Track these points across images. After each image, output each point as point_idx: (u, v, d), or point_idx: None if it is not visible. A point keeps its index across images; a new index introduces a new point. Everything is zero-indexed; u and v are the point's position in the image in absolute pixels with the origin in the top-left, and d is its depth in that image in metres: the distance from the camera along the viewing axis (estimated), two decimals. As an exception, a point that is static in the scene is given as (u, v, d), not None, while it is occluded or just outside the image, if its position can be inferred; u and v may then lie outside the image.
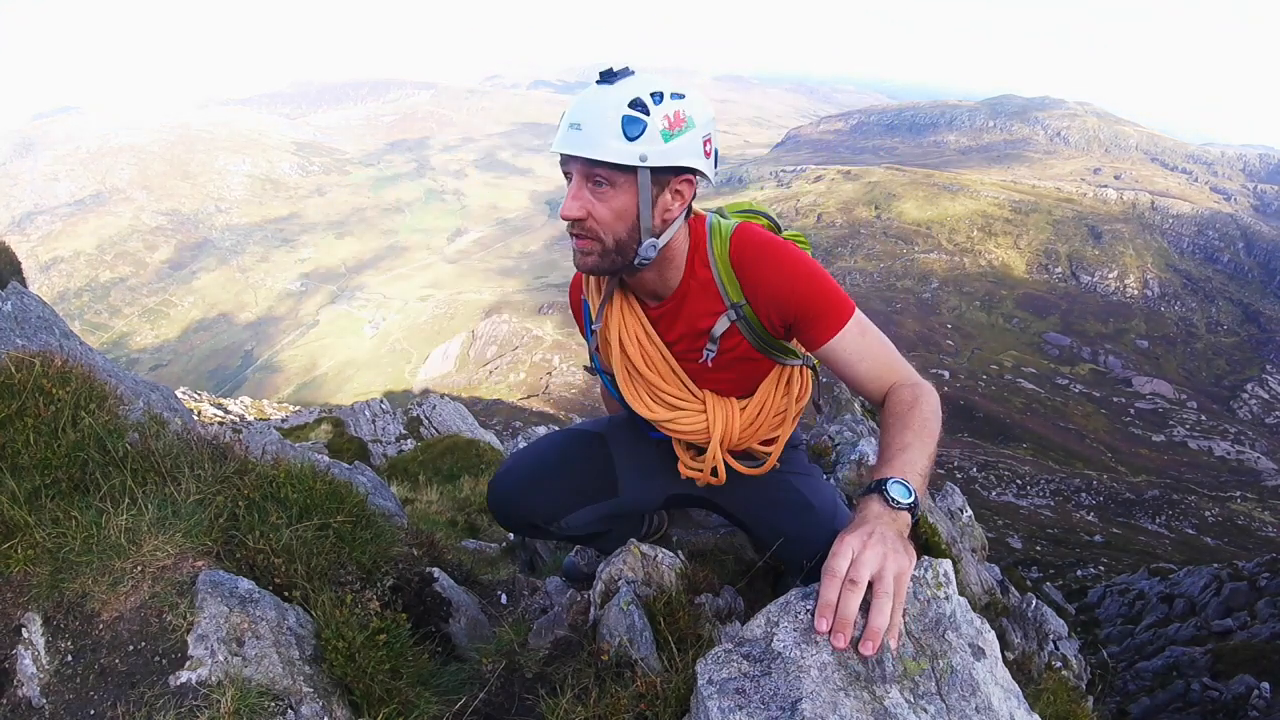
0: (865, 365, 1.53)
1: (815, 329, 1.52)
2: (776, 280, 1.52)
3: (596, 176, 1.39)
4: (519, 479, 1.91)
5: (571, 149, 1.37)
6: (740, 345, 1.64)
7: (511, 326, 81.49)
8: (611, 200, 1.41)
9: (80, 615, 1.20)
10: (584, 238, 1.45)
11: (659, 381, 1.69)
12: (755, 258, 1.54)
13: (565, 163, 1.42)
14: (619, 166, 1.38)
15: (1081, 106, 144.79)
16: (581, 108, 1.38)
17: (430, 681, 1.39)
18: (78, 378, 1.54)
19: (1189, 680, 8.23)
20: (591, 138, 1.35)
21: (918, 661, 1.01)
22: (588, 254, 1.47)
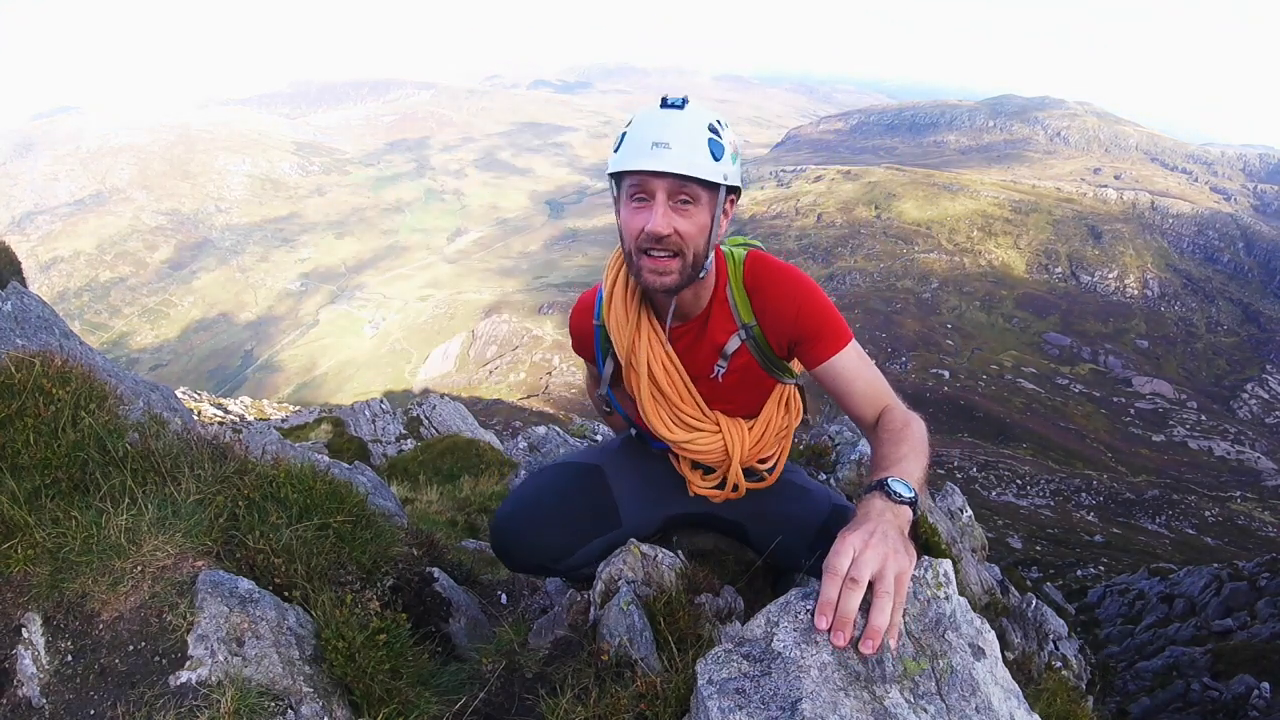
0: (860, 385, 1.62)
1: (818, 346, 1.63)
2: (787, 301, 1.64)
3: (684, 194, 1.46)
4: (520, 524, 1.89)
5: (667, 166, 1.42)
6: (748, 364, 1.75)
7: (511, 326, 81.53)
8: (695, 216, 1.49)
9: (80, 615, 1.20)
10: (665, 255, 1.50)
11: (679, 403, 1.76)
12: (769, 280, 1.67)
13: (642, 179, 1.46)
14: (706, 184, 1.47)
15: (1081, 106, 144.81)
16: (664, 128, 1.45)
17: (430, 681, 1.39)
18: (78, 378, 1.54)
19: (1189, 680, 8.23)
20: (684, 156, 1.43)
21: (918, 661, 1.01)
22: (667, 272, 1.52)
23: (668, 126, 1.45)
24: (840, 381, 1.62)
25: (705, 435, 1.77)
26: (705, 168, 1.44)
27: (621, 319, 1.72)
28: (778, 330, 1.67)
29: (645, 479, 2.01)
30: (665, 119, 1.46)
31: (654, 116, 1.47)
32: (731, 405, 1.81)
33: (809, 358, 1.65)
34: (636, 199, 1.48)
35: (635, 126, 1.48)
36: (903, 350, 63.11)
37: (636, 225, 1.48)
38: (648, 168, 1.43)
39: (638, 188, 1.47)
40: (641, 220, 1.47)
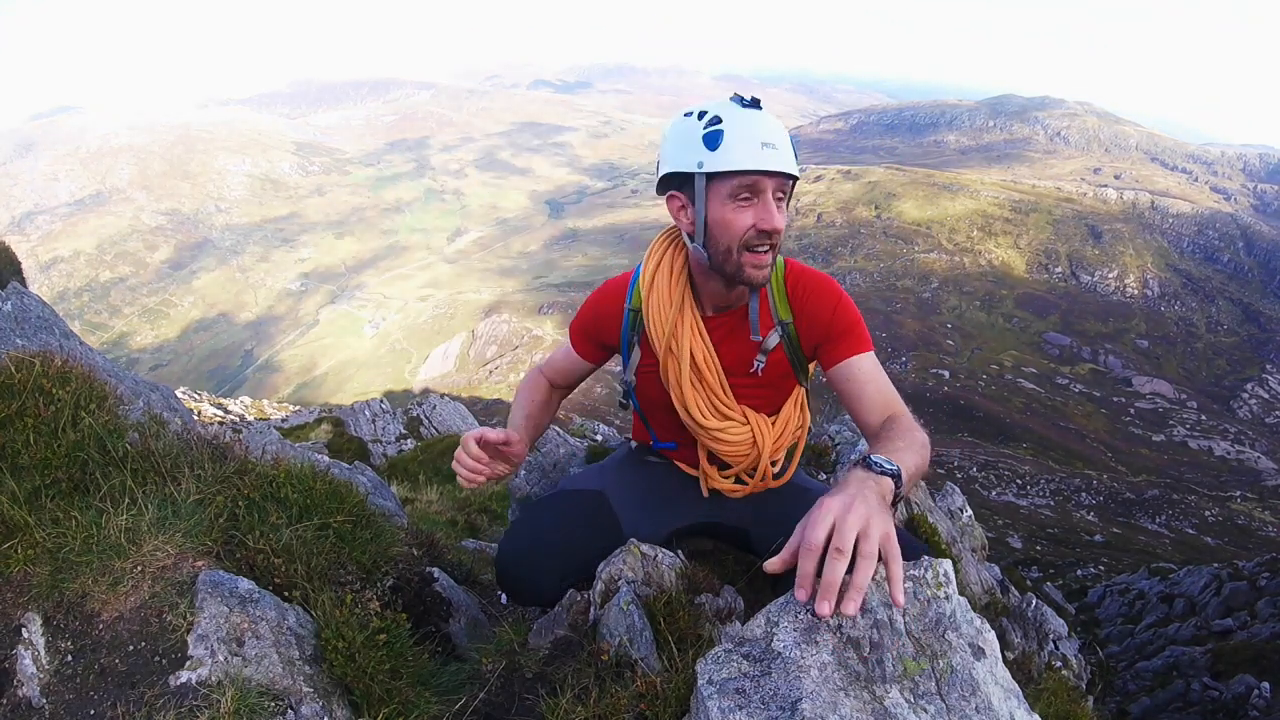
0: (873, 389, 1.66)
1: (842, 345, 1.69)
2: (826, 299, 1.73)
3: (782, 191, 1.56)
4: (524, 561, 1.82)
5: (781, 166, 1.51)
6: (781, 361, 1.80)
7: (511, 326, 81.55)
8: (784, 212, 1.59)
9: (80, 615, 1.20)
10: (766, 250, 1.57)
11: (716, 390, 1.78)
12: (809, 282, 1.76)
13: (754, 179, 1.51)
14: (794, 182, 1.58)
15: (1081, 106, 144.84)
16: (766, 129, 1.51)
17: (430, 681, 1.39)
18: (78, 378, 1.54)
19: (1189, 680, 8.23)
20: (788, 156, 1.53)
21: (918, 661, 1.01)
22: (765, 265, 1.59)
23: (768, 127, 1.51)
24: (854, 383, 1.65)
25: (735, 425, 1.80)
26: (795, 166, 1.55)
27: (665, 301, 1.73)
28: (812, 328, 1.73)
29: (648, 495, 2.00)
30: (762, 120, 1.52)
31: (751, 117, 1.52)
32: (758, 401, 1.84)
33: (832, 355, 1.70)
34: (742, 197, 1.52)
35: (735, 126, 1.50)
36: (903, 350, 63.11)
37: (745, 222, 1.53)
38: (765, 167, 1.49)
39: (747, 187, 1.51)
40: (749, 217, 1.52)
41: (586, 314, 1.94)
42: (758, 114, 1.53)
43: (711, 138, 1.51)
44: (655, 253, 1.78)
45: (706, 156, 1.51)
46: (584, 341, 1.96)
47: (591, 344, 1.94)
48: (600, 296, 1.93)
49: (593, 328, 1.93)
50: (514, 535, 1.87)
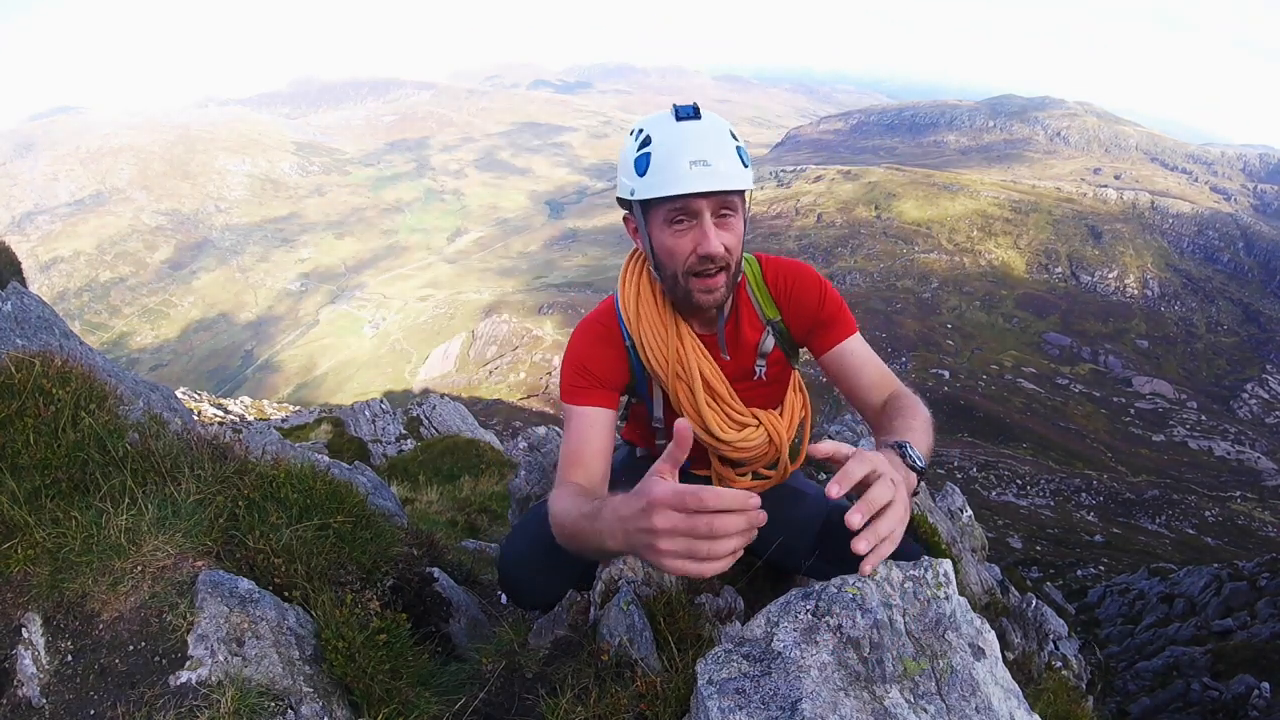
0: (869, 370, 1.67)
1: (832, 331, 1.70)
2: (811, 288, 1.70)
3: (726, 208, 1.44)
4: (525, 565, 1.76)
5: (715, 185, 1.38)
6: (780, 358, 1.79)
7: (511, 326, 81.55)
8: (734, 227, 1.47)
9: (80, 615, 1.20)
10: (717, 272, 1.47)
11: (730, 403, 1.74)
12: (789, 274, 1.72)
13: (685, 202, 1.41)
14: (741, 193, 1.46)
15: (1081, 106, 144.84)
16: (696, 143, 1.39)
17: (430, 681, 1.39)
18: (78, 378, 1.54)
19: (1189, 680, 8.23)
20: (724, 171, 1.39)
21: (918, 661, 1.01)
22: (716, 289, 1.50)
23: (699, 141, 1.39)
24: (848, 367, 1.67)
25: (752, 430, 1.78)
26: (741, 178, 1.41)
27: (660, 331, 1.65)
28: (801, 318, 1.71)
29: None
30: (692, 133, 1.40)
31: (680, 132, 1.41)
32: (764, 399, 1.83)
33: (824, 341, 1.69)
34: (677, 222, 1.43)
35: (662, 145, 1.40)
36: (903, 350, 63.11)
37: (685, 249, 1.44)
38: (695, 189, 1.37)
39: (679, 211, 1.42)
40: (689, 243, 1.44)
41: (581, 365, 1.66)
42: (690, 127, 1.41)
43: (640, 161, 1.43)
44: (629, 280, 1.69)
45: (637, 183, 1.43)
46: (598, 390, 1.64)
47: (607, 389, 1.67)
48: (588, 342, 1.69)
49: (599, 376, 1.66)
50: (515, 539, 1.85)
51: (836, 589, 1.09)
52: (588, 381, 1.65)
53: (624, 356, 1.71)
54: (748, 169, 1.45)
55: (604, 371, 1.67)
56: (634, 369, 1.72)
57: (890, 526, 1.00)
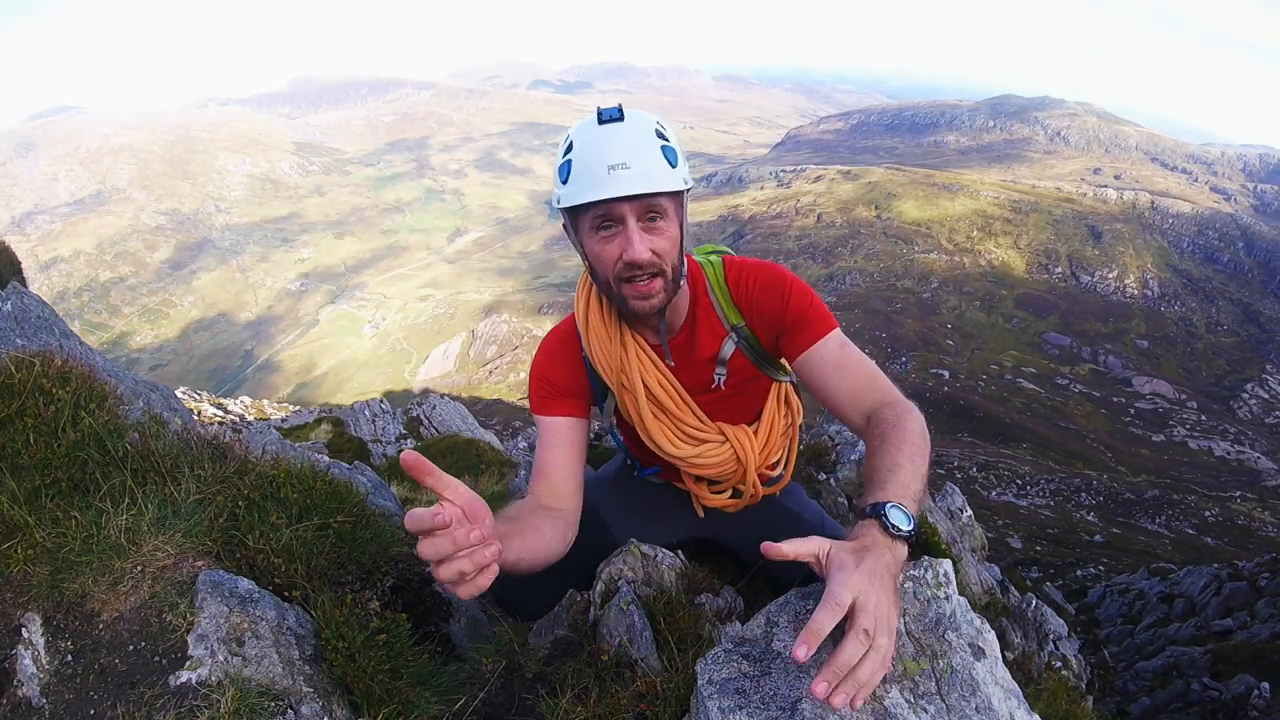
0: (843, 378, 1.51)
1: (801, 335, 1.55)
2: (774, 290, 1.58)
3: (653, 211, 1.38)
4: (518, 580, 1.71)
5: (633, 189, 1.32)
6: (744, 366, 1.68)
7: (511, 326, 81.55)
8: (667, 231, 1.41)
9: (80, 615, 1.20)
10: (650, 278, 1.41)
11: (681, 417, 1.67)
12: (752, 275, 1.62)
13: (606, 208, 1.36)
14: (672, 194, 1.39)
15: (1081, 106, 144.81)
16: (614, 147, 1.34)
17: (430, 681, 1.39)
18: (78, 378, 1.54)
19: (1189, 680, 8.23)
20: (645, 174, 1.34)
21: (918, 661, 1.01)
22: (651, 295, 1.43)
23: (617, 144, 1.34)
24: (820, 373, 1.52)
25: (712, 446, 1.70)
26: (667, 179, 1.36)
27: (605, 341, 1.62)
28: (766, 322, 1.61)
29: (643, 510, 1.97)
30: (611, 136, 1.35)
31: (598, 136, 1.36)
32: (733, 412, 1.74)
33: (792, 347, 1.57)
34: (603, 229, 1.39)
35: (581, 151, 1.36)
36: (903, 350, 63.11)
37: (611, 255, 1.39)
38: (612, 195, 1.32)
39: (603, 217, 1.37)
40: (615, 249, 1.39)
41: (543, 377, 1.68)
42: (609, 130, 1.36)
43: (563, 169, 1.39)
44: (582, 293, 1.67)
45: (562, 191, 1.40)
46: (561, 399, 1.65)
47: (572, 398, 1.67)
48: (548, 354, 1.71)
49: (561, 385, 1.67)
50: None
51: (836, 589, 1.08)
52: (549, 391, 1.65)
53: (581, 364, 1.69)
54: (676, 169, 1.38)
55: (564, 381, 1.67)
56: (591, 376, 1.70)
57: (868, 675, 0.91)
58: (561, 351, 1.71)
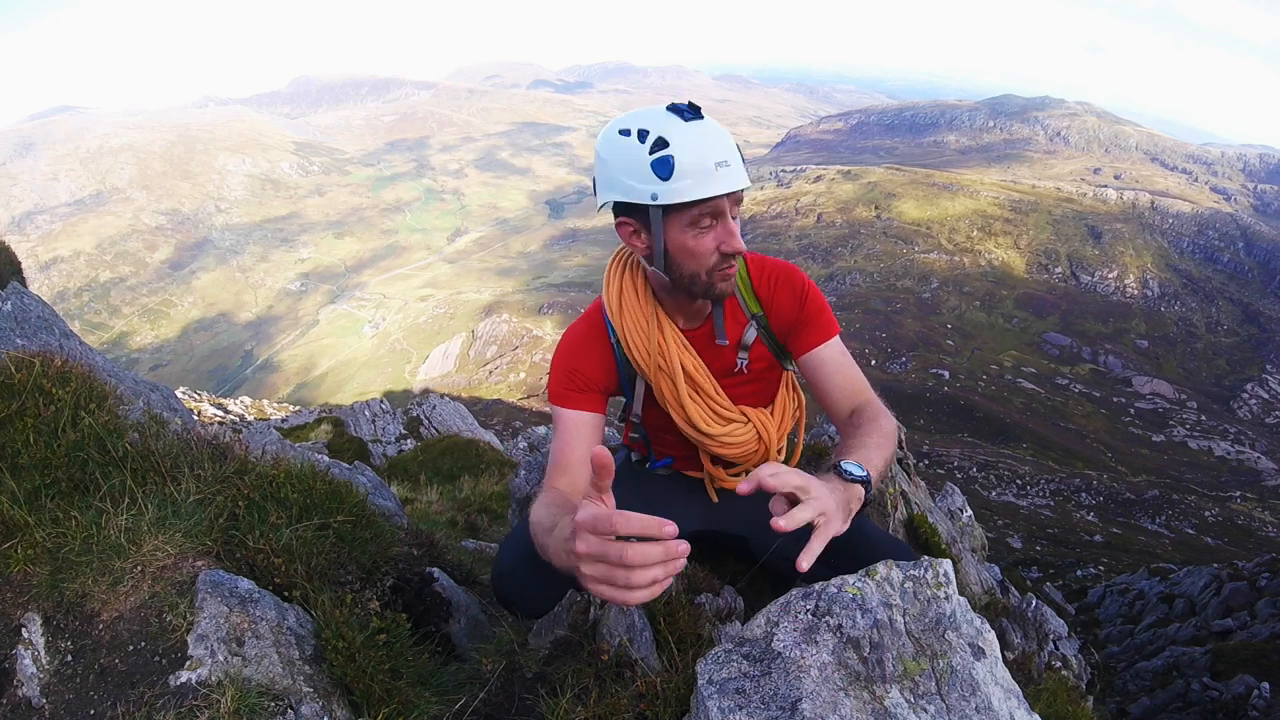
0: (840, 378, 1.69)
1: (811, 333, 1.71)
2: (794, 287, 1.72)
3: (736, 203, 1.48)
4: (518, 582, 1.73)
5: (738, 184, 1.44)
6: (764, 354, 1.79)
7: (511, 326, 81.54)
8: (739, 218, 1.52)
9: (80, 615, 1.20)
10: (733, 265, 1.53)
11: (714, 397, 1.75)
12: (773, 271, 1.75)
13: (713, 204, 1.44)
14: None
15: (1081, 106, 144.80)
16: (719, 145, 1.42)
17: (430, 681, 1.39)
18: (78, 378, 1.54)
19: (1189, 680, 8.22)
20: (739, 169, 1.45)
21: (918, 661, 1.01)
22: (733, 276, 1.56)
23: (716, 142, 1.42)
24: (822, 373, 1.68)
25: (738, 426, 1.78)
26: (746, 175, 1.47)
27: (641, 323, 1.67)
28: (782, 317, 1.73)
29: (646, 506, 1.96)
30: (707, 134, 1.42)
31: (695, 134, 1.40)
32: (752, 397, 1.82)
33: (802, 343, 1.71)
34: (701, 224, 1.45)
35: (682, 148, 1.39)
36: (903, 350, 63.10)
37: (708, 248, 1.47)
38: (724, 190, 1.41)
39: (705, 212, 1.44)
40: (712, 241, 1.47)
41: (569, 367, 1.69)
42: (704, 128, 1.41)
43: (661, 165, 1.39)
44: (613, 278, 1.71)
45: (659, 188, 1.40)
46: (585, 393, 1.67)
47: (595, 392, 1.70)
48: (576, 343, 1.74)
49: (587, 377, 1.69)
50: (509, 548, 1.80)
51: (836, 589, 1.09)
52: (576, 384, 1.67)
53: (610, 353, 1.73)
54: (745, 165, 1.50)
55: (592, 372, 1.70)
56: (619, 364, 1.74)
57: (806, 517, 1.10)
58: (591, 341, 1.74)
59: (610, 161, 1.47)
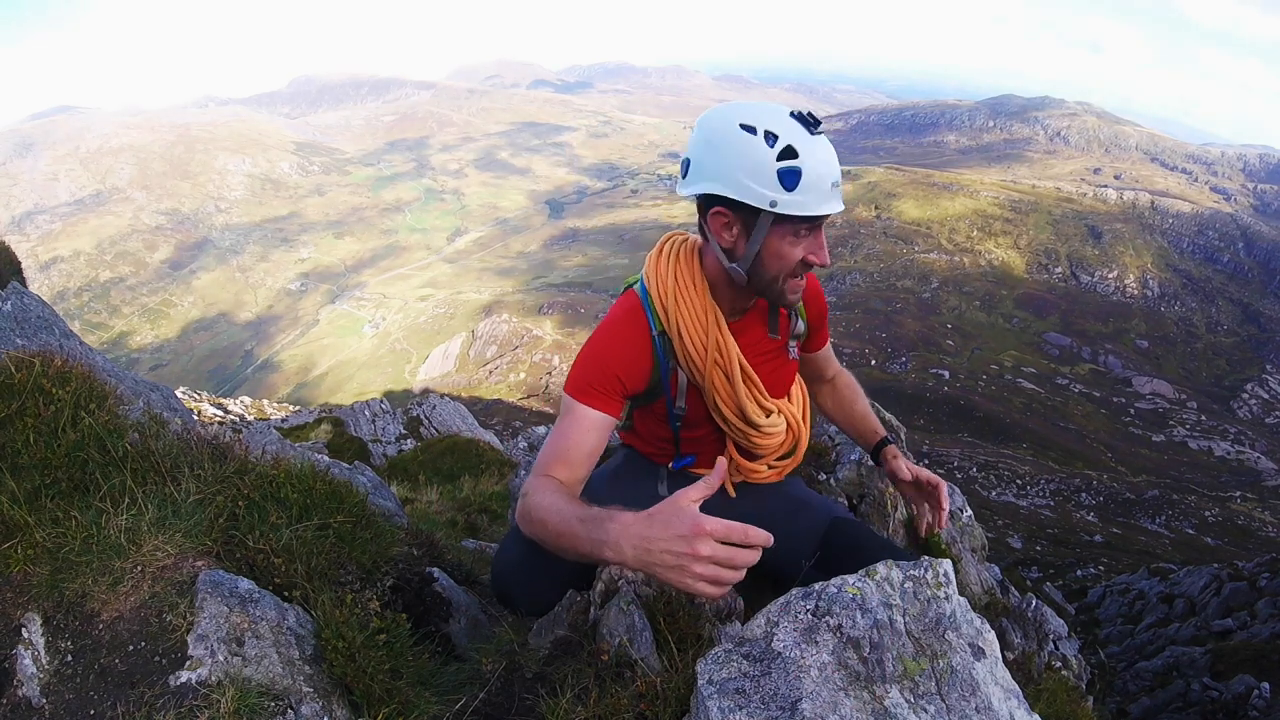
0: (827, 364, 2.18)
1: (823, 334, 2.06)
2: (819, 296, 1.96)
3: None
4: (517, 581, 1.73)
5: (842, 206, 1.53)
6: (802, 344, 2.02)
7: (511, 326, 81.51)
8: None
9: (80, 615, 1.20)
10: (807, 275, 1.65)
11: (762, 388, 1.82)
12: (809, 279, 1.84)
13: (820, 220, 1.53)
14: None
15: (1081, 106, 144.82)
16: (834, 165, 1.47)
17: (430, 681, 1.39)
18: (78, 377, 1.54)
19: (1189, 680, 8.23)
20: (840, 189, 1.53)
21: (918, 661, 1.01)
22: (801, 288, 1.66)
23: (833, 161, 1.46)
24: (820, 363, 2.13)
25: (775, 416, 1.86)
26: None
27: (700, 316, 1.69)
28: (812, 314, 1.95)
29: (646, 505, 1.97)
30: (830, 154, 1.46)
31: (819, 149, 1.44)
32: (779, 387, 1.91)
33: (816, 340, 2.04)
34: (801, 234, 1.51)
35: (810, 164, 1.41)
36: (902, 350, 63.09)
37: (797, 255, 1.53)
38: (837, 210, 1.49)
39: (809, 225, 1.50)
40: (801, 251, 1.53)
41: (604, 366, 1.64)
42: (826, 144, 1.45)
43: (788, 176, 1.41)
44: (666, 270, 1.70)
45: (782, 197, 1.42)
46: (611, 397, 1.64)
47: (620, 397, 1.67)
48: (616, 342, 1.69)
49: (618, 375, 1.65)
50: (508, 547, 1.80)
51: (836, 589, 1.09)
52: (605, 385, 1.63)
53: (649, 351, 1.71)
54: None
55: (628, 375, 1.67)
56: (660, 361, 1.72)
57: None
58: (632, 340, 1.70)
59: (728, 155, 1.45)
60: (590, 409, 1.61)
